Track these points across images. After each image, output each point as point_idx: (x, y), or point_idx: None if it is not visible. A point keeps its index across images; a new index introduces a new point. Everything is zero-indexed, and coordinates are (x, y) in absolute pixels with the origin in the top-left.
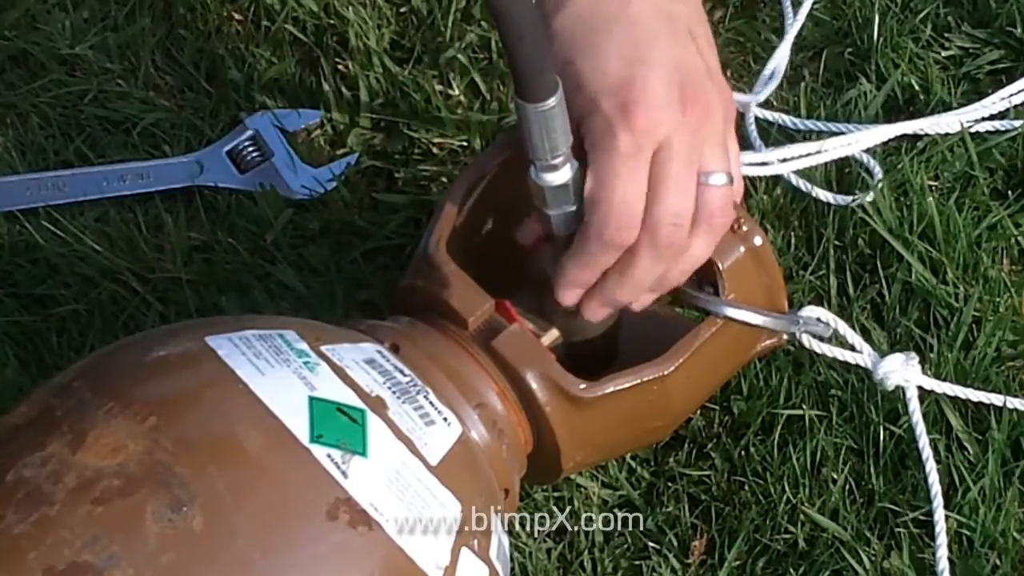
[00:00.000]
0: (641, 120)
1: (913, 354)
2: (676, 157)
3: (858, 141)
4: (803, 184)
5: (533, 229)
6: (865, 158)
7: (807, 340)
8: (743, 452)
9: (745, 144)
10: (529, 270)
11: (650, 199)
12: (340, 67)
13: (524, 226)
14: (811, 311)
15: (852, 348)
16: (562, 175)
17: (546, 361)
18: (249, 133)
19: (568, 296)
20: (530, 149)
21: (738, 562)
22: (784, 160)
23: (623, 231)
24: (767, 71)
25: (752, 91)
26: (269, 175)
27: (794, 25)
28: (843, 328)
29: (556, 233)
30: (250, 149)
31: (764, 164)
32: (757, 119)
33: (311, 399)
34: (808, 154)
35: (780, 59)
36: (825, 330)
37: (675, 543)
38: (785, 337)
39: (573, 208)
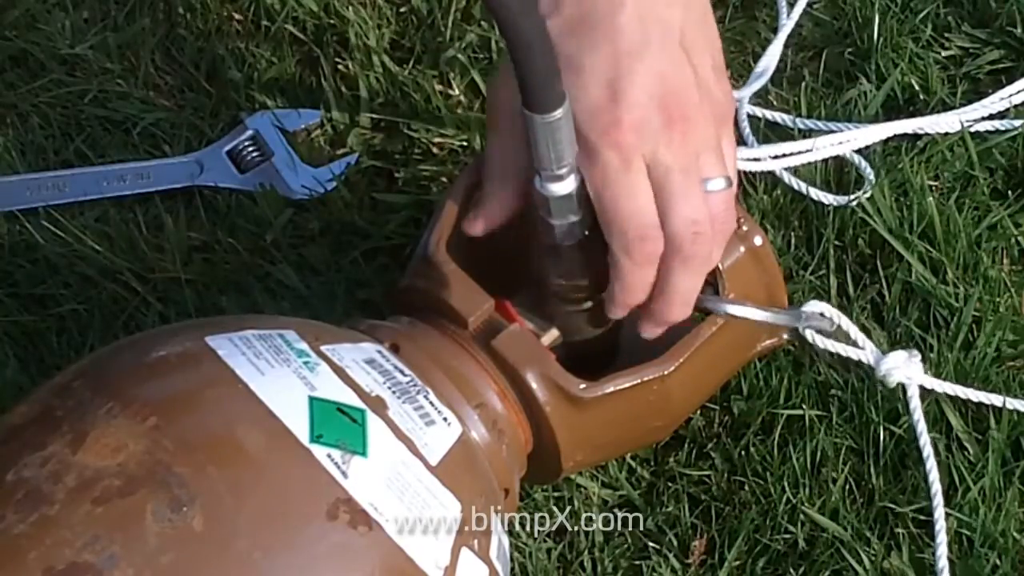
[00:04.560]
0: (623, 138)
1: (916, 352)
2: (673, 169)
3: (854, 140)
4: (796, 183)
5: (479, 223)
6: (857, 159)
7: (810, 335)
8: (743, 452)
9: (738, 140)
10: (529, 270)
11: (663, 216)
12: (340, 67)
13: (469, 218)
14: (814, 306)
15: (855, 344)
16: (567, 185)
17: (546, 361)
18: (249, 133)
19: (622, 313)
20: (535, 159)
21: (738, 562)
22: (777, 157)
23: (646, 242)
24: (759, 68)
25: (743, 87)
26: (269, 175)
27: (788, 22)
28: (846, 324)
29: (560, 244)
30: (250, 149)
31: (756, 160)
32: (756, 118)
33: (311, 399)
34: (802, 151)
35: (772, 56)
36: (829, 324)
37: (675, 543)
38: (786, 337)
39: (577, 219)
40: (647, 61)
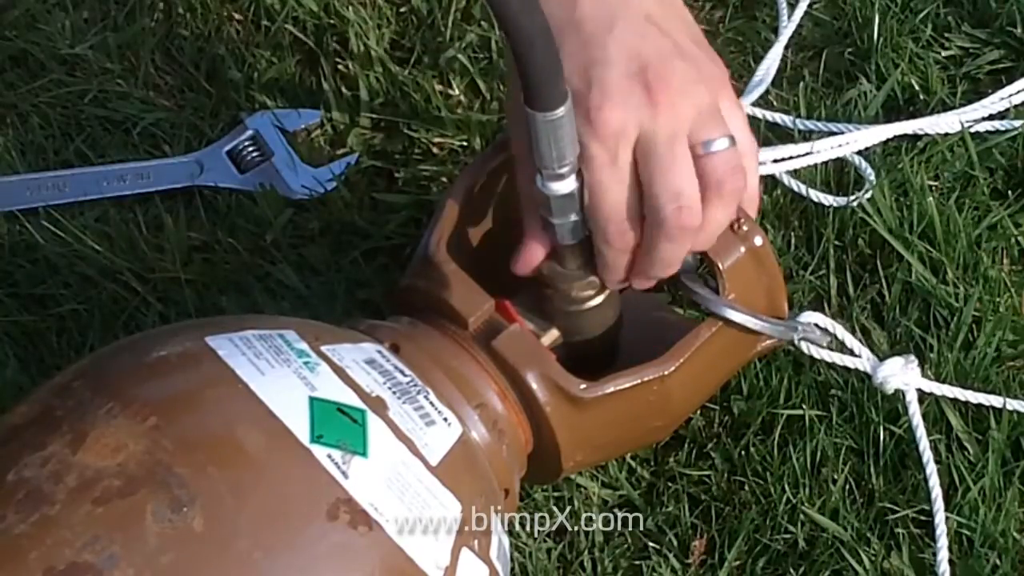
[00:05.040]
0: (605, 125)
1: (912, 357)
2: (656, 141)
3: (855, 141)
4: (796, 185)
5: (527, 259)
6: (858, 160)
7: (806, 347)
8: (743, 452)
9: None
10: None
11: (647, 187)
12: (340, 67)
13: (519, 257)
14: (809, 316)
15: (851, 353)
16: (568, 184)
17: (546, 361)
18: (249, 133)
19: (616, 285)
20: (537, 157)
21: (738, 562)
22: (778, 160)
23: (624, 235)
24: (758, 75)
25: (744, 94)
26: (269, 175)
27: (790, 24)
28: (842, 333)
29: (561, 243)
30: (250, 149)
31: (760, 164)
32: (756, 119)
33: (311, 399)
34: (803, 154)
35: (772, 60)
36: (823, 338)
37: (675, 543)
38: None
39: (579, 218)
40: (616, 40)
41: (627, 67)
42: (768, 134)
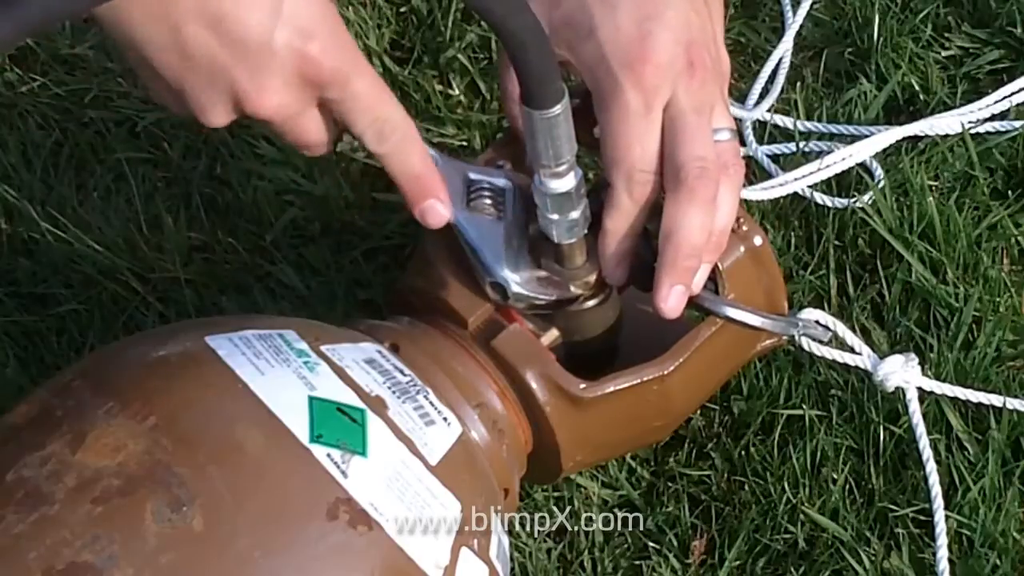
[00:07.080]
0: (649, 78)
1: (913, 355)
2: (688, 109)
3: (859, 152)
4: (803, 189)
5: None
6: (867, 160)
7: (806, 343)
8: (743, 452)
9: (754, 166)
10: None
11: (671, 150)
12: None
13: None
14: (810, 313)
15: (851, 350)
16: (566, 183)
17: (546, 361)
18: (500, 182)
19: (618, 273)
20: (534, 156)
21: (738, 562)
22: (798, 179)
23: (647, 185)
24: (760, 83)
25: (753, 105)
26: (492, 237)
27: (792, 28)
28: (842, 330)
29: (558, 241)
30: (487, 193)
31: (782, 185)
32: (757, 120)
33: (311, 399)
34: (819, 169)
35: (781, 66)
36: (824, 333)
37: (675, 543)
38: (786, 337)
39: (577, 215)
40: (677, 7)
41: (678, 35)
42: (773, 132)
